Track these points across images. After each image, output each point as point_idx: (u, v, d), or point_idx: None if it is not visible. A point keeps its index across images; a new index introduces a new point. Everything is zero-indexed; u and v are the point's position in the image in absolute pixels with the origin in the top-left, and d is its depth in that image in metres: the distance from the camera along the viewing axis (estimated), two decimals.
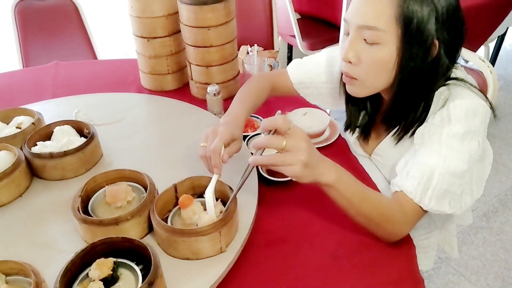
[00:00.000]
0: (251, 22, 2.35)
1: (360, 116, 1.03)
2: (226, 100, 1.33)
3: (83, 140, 1.03)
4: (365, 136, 1.04)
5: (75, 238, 0.84)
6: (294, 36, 2.61)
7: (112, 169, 0.93)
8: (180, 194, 0.86)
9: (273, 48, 2.36)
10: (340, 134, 1.16)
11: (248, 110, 1.01)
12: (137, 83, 1.47)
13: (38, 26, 2.09)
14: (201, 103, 1.30)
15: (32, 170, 0.99)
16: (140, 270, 0.71)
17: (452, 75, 0.89)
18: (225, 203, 0.86)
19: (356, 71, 0.87)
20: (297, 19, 2.59)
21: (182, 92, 1.41)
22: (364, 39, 0.84)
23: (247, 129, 1.18)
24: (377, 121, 1.01)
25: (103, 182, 0.91)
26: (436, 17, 0.80)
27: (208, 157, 0.84)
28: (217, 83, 1.27)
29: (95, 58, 2.22)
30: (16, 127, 1.09)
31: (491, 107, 0.87)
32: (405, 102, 0.89)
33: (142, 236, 0.83)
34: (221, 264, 0.77)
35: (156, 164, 1.05)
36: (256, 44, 1.48)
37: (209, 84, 1.24)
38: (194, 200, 0.82)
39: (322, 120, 1.17)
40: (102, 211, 0.87)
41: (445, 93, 0.87)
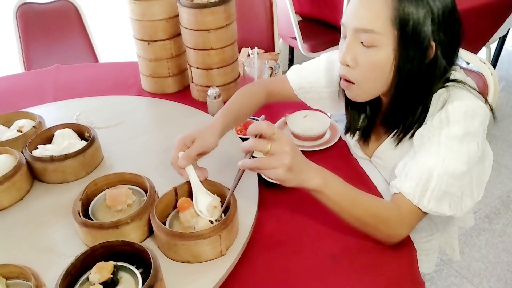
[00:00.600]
0: (252, 24, 2.35)
1: (360, 119, 1.03)
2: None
3: (83, 143, 1.03)
4: (365, 138, 1.04)
5: (75, 242, 0.84)
6: (295, 38, 2.61)
7: (113, 172, 0.93)
8: (180, 197, 0.86)
9: (274, 50, 2.37)
10: (340, 137, 1.16)
11: (228, 119, 0.98)
12: (138, 86, 1.47)
13: (40, 29, 2.09)
14: (202, 105, 1.30)
15: (33, 173, 1.00)
16: (140, 274, 0.71)
17: (451, 77, 0.89)
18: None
19: (354, 74, 0.87)
20: (298, 21, 2.59)
21: (182, 94, 1.41)
22: (361, 42, 0.84)
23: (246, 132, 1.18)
24: (377, 124, 1.01)
25: (103, 185, 0.91)
26: (432, 18, 0.79)
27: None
28: (218, 86, 1.27)
29: (96, 61, 2.22)
30: (17, 131, 1.09)
31: (491, 109, 0.86)
32: (403, 104, 0.88)
33: (143, 240, 0.83)
34: (221, 267, 0.77)
35: (157, 167, 1.05)
36: (256, 47, 1.48)
37: (209, 87, 1.24)
38: (192, 203, 0.82)
39: (323, 122, 1.17)
40: (103, 214, 0.87)
41: (444, 95, 0.87)
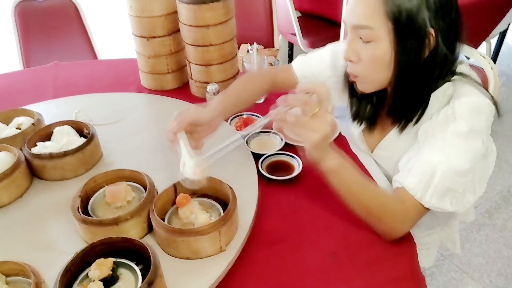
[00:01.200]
0: (251, 20, 2.34)
1: (367, 108, 1.03)
2: None
3: (83, 140, 1.03)
4: (370, 127, 1.04)
5: (75, 238, 0.84)
6: (294, 34, 2.60)
7: (112, 169, 0.93)
8: (179, 193, 0.85)
9: (273, 46, 2.36)
10: (340, 133, 1.16)
11: (227, 99, 1.01)
12: (137, 82, 1.47)
13: (39, 26, 2.09)
14: (201, 102, 1.29)
15: (32, 170, 1.00)
16: (140, 270, 0.71)
17: (457, 70, 0.89)
18: (225, 202, 0.86)
19: (357, 69, 0.89)
20: (298, 17, 2.58)
21: (182, 91, 1.41)
22: (360, 38, 0.85)
23: (246, 128, 1.18)
24: (382, 115, 1.01)
25: (102, 182, 0.91)
26: (427, 6, 0.80)
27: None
28: (217, 82, 1.27)
29: (95, 58, 2.22)
30: (16, 128, 1.09)
31: (496, 105, 0.86)
32: (406, 94, 0.89)
33: (142, 236, 0.83)
34: (221, 264, 0.77)
35: (156, 164, 1.05)
36: (255, 43, 1.47)
37: (208, 83, 1.24)
38: (191, 199, 0.82)
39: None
40: (102, 211, 0.87)
41: (449, 89, 0.86)
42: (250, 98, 1.11)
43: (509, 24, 2.78)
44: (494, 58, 3.08)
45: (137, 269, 0.71)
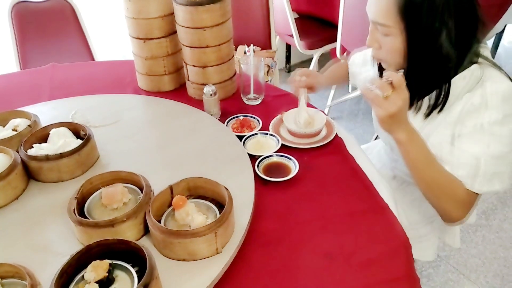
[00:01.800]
0: (248, 22, 2.35)
1: None
2: (222, 101, 1.33)
3: (79, 142, 1.03)
4: None
5: (71, 240, 0.83)
6: (292, 36, 2.61)
7: (109, 170, 0.93)
8: (176, 195, 0.85)
9: (270, 48, 2.36)
10: (336, 134, 1.16)
11: (332, 75, 1.40)
12: (134, 84, 1.46)
13: (35, 28, 2.08)
14: (198, 103, 1.30)
15: (28, 172, 0.99)
16: (136, 272, 0.71)
17: (481, 52, 0.96)
18: (221, 204, 0.87)
19: (380, 54, 1.00)
20: (295, 19, 2.59)
21: (179, 93, 1.41)
22: (379, 30, 0.95)
23: (243, 129, 1.18)
24: None
25: (99, 184, 0.91)
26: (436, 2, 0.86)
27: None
28: (214, 84, 1.27)
29: (93, 59, 2.22)
30: (13, 130, 1.09)
31: None
32: (417, 79, 0.96)
33: (138, 238, 0.83)
34: (217, 265, 0.77)
35: (153, 166, 1.05)
36: (252, 44, 1.48)
37: (205, 85, 1.24)
38: (187, 201, 0.82)
39: (319, 119, 1.17)
40: (98, 213, 0.87)
41: (476, 71, 0.93)
42: (341, 80, 1.44)
43: (505, 25, 2.79)
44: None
45: (133, 271, 0.71)
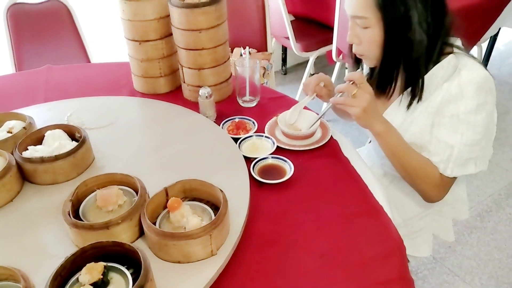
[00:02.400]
0: (244, 24, 2.35)
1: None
2: (218, 103, 1.33)
3: (74, 144, 1.03)
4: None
5: (65, 243, 0.83)
6: (288, 38, 2.61)
7: (104, 173, 0.93)
8: (171, 197, 0.85)
9: (266, 50, 2.36)
10: (332, 136, 1.16)
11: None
12: (130, 86, 1.46)
13: (31, 29, 2.08)
14: (194, 105, 1.30)
15: (23, 174, 0.99)
16: (130, 274, 0.71)
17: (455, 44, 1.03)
18: (216, 206, 0.87)
19: (361, 49, 1.05)
20: (291, 21, 2.59)
21: (174, 95, 1.41)
22: (358, 25, 1.00)
23: (239, 131, 1.18)
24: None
25: (94, 186, 0.91)
26: None
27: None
28: (209, 86, 1.27)
29: (88, 61, 2.21)
30: (7, 132, 1.08)
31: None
32: (388, 69, 1.03)
33: (133, 240, 0.83)
34: (212, 267, 0.77)
35: (148, 168, 1.05)
36: (248, 46, 1.48)
37: (201, 87, 1.24)
38: (182, 203, 0.82)
39: (312, 121, 1.17)
40: (93, 215, 0.87)
41: (453, 60, 0.99)
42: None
43: (500, 28, 2.81)
44: (485, 62, 3.11)
45: (128, 273, 0.71)
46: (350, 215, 0.93)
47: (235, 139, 1.14)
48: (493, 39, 3.01)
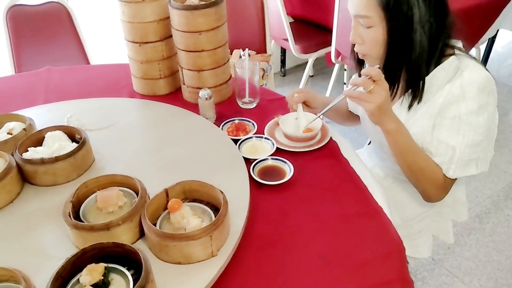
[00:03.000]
0: (243, 26, 2.36)
1: None
2: (218, 104, 1.33)
3: (74, 145, 1.03)
4: None
5: (66, 244, 0.83)
6: (287, 40, 2.62)
7: (104, 174, 0.93)
8: (171, 198, 0.86)
9: (266, 52, 2.37)
10: (331, 137, 1.17)
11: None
12: (129, 88, 1.47)
13: (30, 31, 2.08)
14: (193, 107, 1.30)
15: (23, 176, 0.99)
16: (131, 275, 0.71)
17: (456, 44, 1.03)
18: (216, 207, 0.87)
19: (363, 49, 1.05)
20: (290, 23, 2.60)
21: (174, 96, 1.41)
22: (361, 24, 1.01)
23: (239, 132, 1.19)
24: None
25: (94, 187, 0.91)
26: None
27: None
28: (209, 88, 1.27)
29: (88, 63, 2.21)
30: (7, 133, 1.08)
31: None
32: (392, 69, 1.02)
33: (134, 241, 0.83)
34: (212, 268, 0.77)
35: (148, 169, 1.05)
36: (248, 48, 1.48)
37: (201, 89, 1.24)
38: (183, 204, 0.83)
39: (314, 124, 1.18)
40: (94, 216, 0.87)
41: (455, 62, 1.00)
42: (341, 111, 1.40)
43: (498, 30, 2.81)
44: (484, 64, 3.10)
45: (128, 274, 0.71)
46: (349, 216, 0.93)
47: (235, 141, 1.14)
48: (491, 41, 3.02)
